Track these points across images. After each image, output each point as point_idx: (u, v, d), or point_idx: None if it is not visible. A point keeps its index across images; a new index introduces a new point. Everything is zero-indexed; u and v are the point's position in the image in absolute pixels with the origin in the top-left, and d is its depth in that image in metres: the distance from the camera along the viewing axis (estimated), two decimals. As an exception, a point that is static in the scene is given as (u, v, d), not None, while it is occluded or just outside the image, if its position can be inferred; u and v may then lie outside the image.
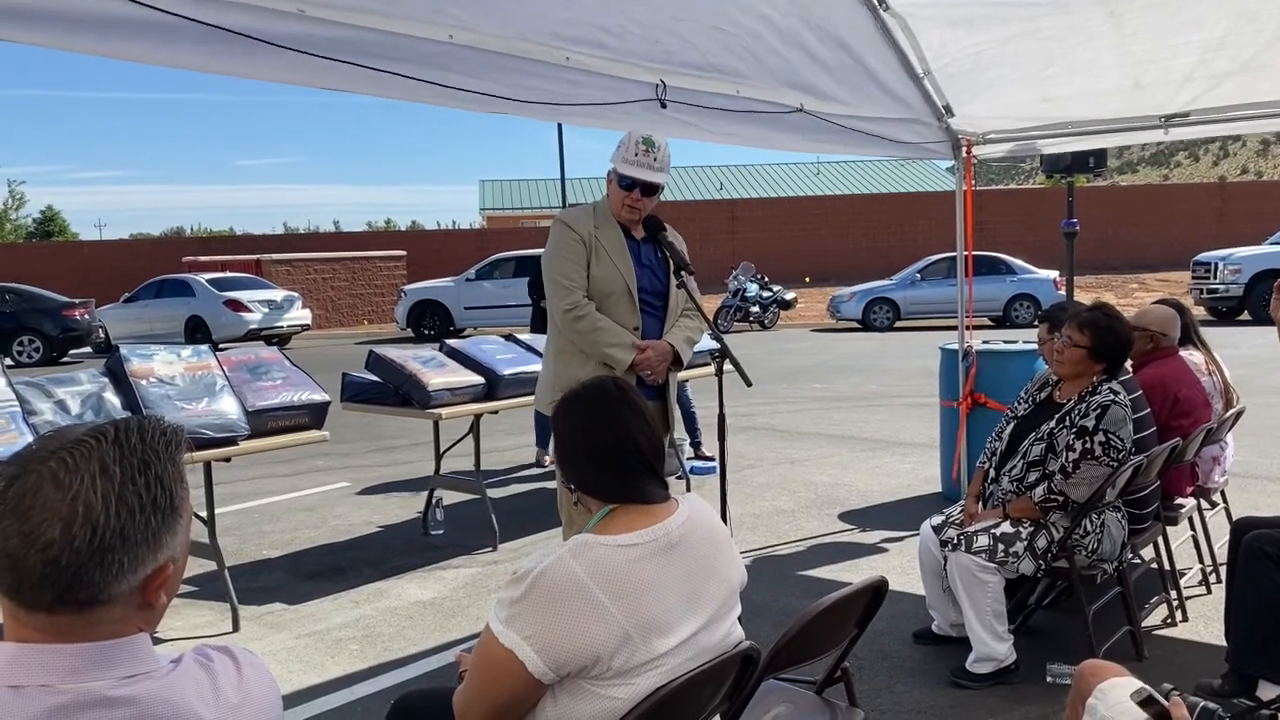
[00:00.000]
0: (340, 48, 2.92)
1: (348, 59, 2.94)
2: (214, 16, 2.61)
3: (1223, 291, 18.54)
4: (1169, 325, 4.55)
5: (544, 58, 3.57)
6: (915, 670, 3.93)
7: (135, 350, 4.67)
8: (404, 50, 3.09)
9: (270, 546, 6.09)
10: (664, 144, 3.76)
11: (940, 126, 5.73)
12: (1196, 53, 4.72)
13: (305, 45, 2.83)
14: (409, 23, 3.10)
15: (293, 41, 2.80)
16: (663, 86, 4.01)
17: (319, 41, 2.87)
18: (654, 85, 3.99)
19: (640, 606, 1.81)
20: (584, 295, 3.73)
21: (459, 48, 3.26)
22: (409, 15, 3.09)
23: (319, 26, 2.87)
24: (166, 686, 1.19)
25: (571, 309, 3.71)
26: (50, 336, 20.45)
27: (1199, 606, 4.45)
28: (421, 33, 3.14)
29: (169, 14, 2.53)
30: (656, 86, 4.00)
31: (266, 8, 2.74)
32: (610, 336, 3.71)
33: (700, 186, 46.65)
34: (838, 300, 21.50)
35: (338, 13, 2.91)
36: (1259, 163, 67.83)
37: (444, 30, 3.19)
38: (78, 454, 1.17)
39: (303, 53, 2.83)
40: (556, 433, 2.08)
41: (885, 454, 8.18)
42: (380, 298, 28.13)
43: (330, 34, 2.90)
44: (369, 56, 3.00)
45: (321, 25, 2.88)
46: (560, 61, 3.63)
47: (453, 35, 3.22)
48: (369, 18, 2.99)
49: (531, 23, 3.48)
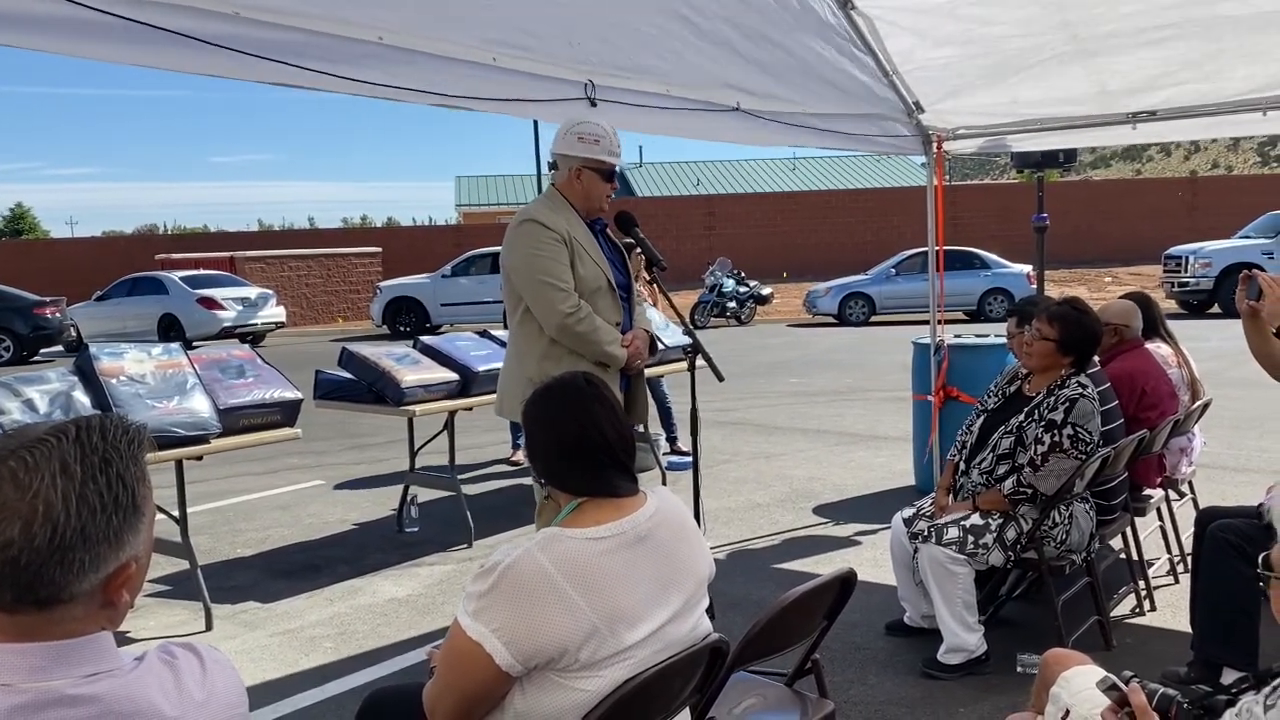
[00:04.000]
0: (274, 48, 2.96)
1: (281, 59, 2.98)
2: (153, 18, 2.64)
3: (1193, 285, 18.76)
4: (1130, 317, 4.61)
5: (472, 58, 3.58)
6: (886, 661, 3.96)
7: (105, 349, 4.63)
8: (335, 51, 3.13)
9: (244, 545, 6.06)
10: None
11: (910, 123, 5.77)
12: (1161, 66, 4.81)
13: (241, 45, 2.87)
14: (340, 24, 3.14)
15: (230, 41, 2.84)
16: (591, 85, 3.99)
17: (254, 42, 2.91)
18: (583, 84, 3.97)
19: (608, 599, 1.82)
20: (577, 295, 3.60)
21: (388, 48, 3.29)
22: (340, 18, 3.13)
23: (253, 28, 2.91)
24: (129, 684, 1.19)
25: (573, 312, 3.55)
26: (21, 335, 20.21)
27: (1167, 596, 4.51)
28: (352, 34, 3.18)
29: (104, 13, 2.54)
30: (585, 85, 3.97)
31: (204, 9, 2.77)
32: (608, 335, 3.64)
33: (677, 182, 46.69)
34: (814, 295, 21.57)
35: (272, 15, 2.95)
36: (1229, 157, 68.55)
37: (374, 32, 3.23)
38: (38, 453, 1.16)
39: (238, 52, 2.87)
40: (527, 427, 2.09)
41: (860, 448, 8.23)
42: (355, 295, 27.96)
43: (264, 35, 2.94)
44: (301, 57, 3.03)
45: (255, 26, 2.91)
46: (488, 61, 3.64)
47: (382, 37, 3.26)
48: (301, 19, 3.03)
49: (457, 26, 3.51)
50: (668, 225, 32.98)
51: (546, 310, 3.58)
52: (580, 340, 3.60)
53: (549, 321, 3.59)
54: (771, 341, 18.04)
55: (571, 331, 3.58)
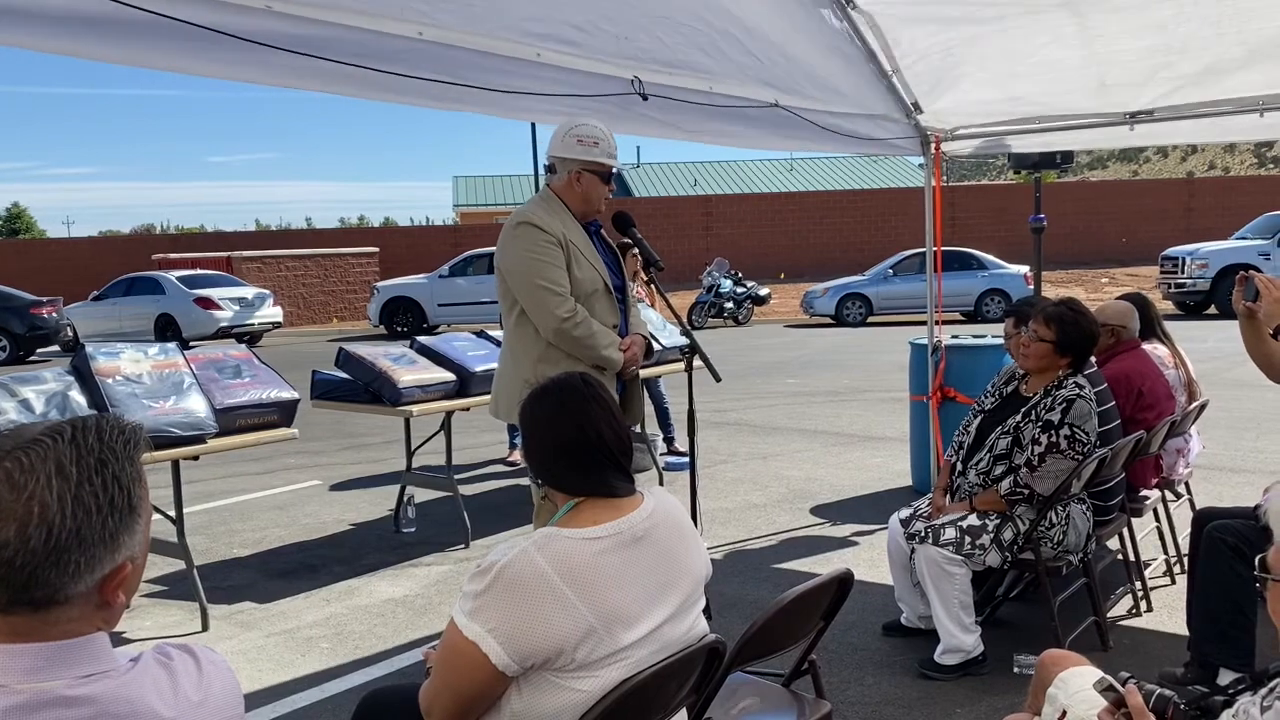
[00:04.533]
0: (308, 44, 2.90)
1: (316, 54, 2.91)
2: (182, 12, 2.59)
3: (1190, 286, 18.78)
4: (1127, 318, 4.61)
5: (514, 54, 3.53)
6: (883, 662, 3.96)
7: (101, 349, 4.62)
8: (372, 47, 3.06)
9: (240, 545, 6.05)
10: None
11: (909, 123, 5.77)
12: (1160, 55, 4.79)
13: (273, 40, 2.80)
14: (378, 19, 3.07)
15: (261, 37, 2.77)
16: (638, 82, 3.96)
17: (287, 38, 2.85)
18: (629, 80, 3.94)
19: (604, 599, 1.82)
20: (574, 300, 3.60)
21: (428, 44, 3.23)
22: (378, 12, 3.06)
23: (287, 23, 2.84)
24: (125, 685, 1.19)
25: (570, 316, 3.55)
26: (17, 335, 20.17)
27: (1163, 597, 4.52)
28: (391, 29, 3.11)
29: (135, 8, 2.50)
30: (632, 81, 3.95)
31: (234, 3, 2.72)
32: (605, 339, 3.64)
33: (675, 182, 46.68)
34: (811, 296, 21.58)
35: (306, 9, 2.88)
36: (1226, 159, 68.60)
37: (413, 27, 3.17)
38: (33, 454, 1.16)
39: (271, 47, 2.80)
40: (524, 428, 2.08)
41: (857, 448, 8.23)
42: (353, 295, 27.93)
43: (298, 30, 2.87)
44: (337, 52, 2.97)
45: (289, 21, 2.85)
46: (531, 58, 3.60)
47: (422, 32, 3.19)
48: (337, 13, 2.96)
49: (500, 19, 3.45)
50: (665, 225, 32.96)
51: (543, 315, 3.57)
52: (577, 345, 3.59)
53: (545, 326, 3.58)
54: (769, 342, 18.04)
55: (568, 336, 3.57)
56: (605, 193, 3.73)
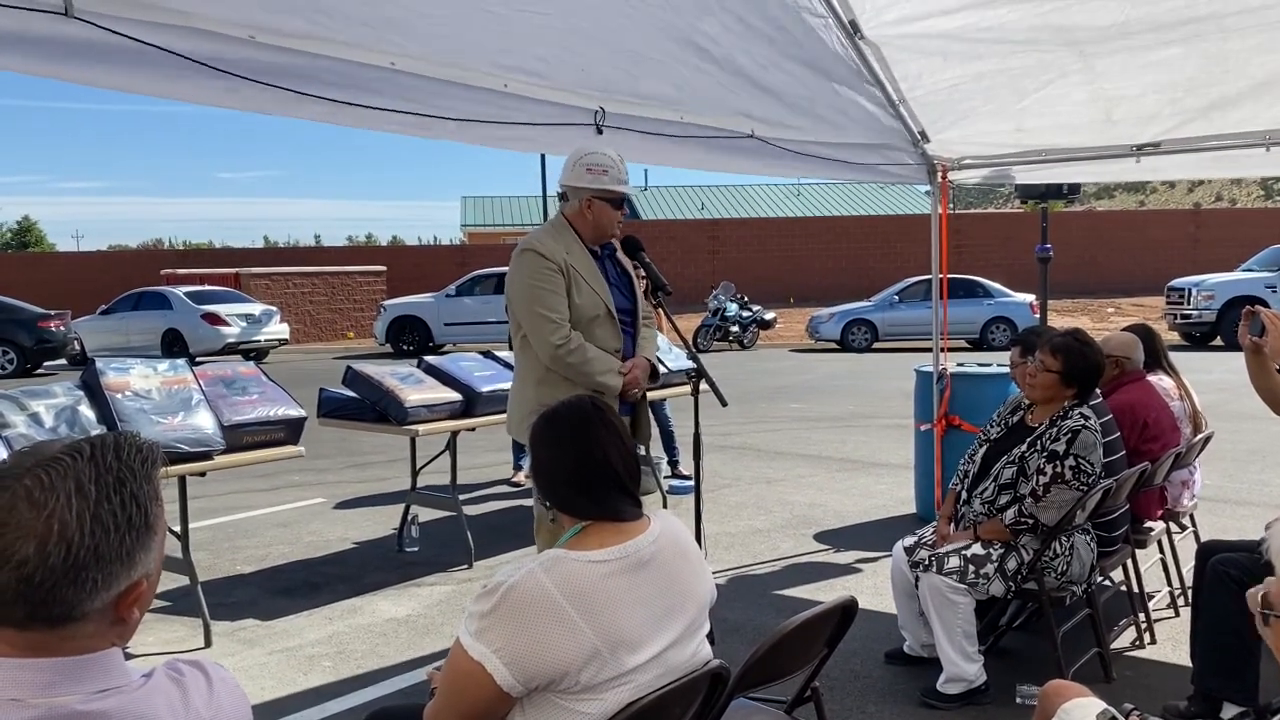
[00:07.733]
0: (286, 74, 2.98)
1: (292, 86, 2.99)
2: (166, 40, 2.65)
3: (1196, 317, 18.77)
4: (1131, 349, 4.62)
5: (483, 84, 3.62)
6: (886, 690, 3.95)
7: (111, 363, 4.65)
8: (347, 76, 3.16)
9: (244, 562, 6.06)
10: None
11: (916, 152, 5.81)
12: (1166, 91, 4.83)
13: (252, 72, 2.88)
14: (353, 49, 3.17)
15: (241, 68, 2.85)
16: (602, 113, 4.03)
17: (266, 68, 2.93)
18: (593, 111, 4.02)
19: (609, 622, 1.83)
20: (570, 327, 3.69)
21: (400, 74, 3.33)
22: (353, 42, 3.16)
23: (266, 53, 2.93)
24: (138, 701, 1.20)
25: (563, 344, 3.65)
26: (25, 348, 20.22)
27: (1167, 629, 4.50)
28: (365, 59, 3.21)
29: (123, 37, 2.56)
30: (595, 113, 4.02)
31: (218, 33, 2.79)
32: (601, 365, 3.72)
33: (682, 206, 46.83)
34: (816, 321, 21.59)
35: (285, 39, 2.97)
36: (1233, 190, 68.70)
37: (386, 57, 3.27)
38: (54, 471, 1.18)
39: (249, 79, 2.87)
40: (533, 450, 2.10)
41: (861, 474, 8.22)
42: (360, 313, 28.03)
43: (277, 60, 2.96)
44: (313, 83, 3.06)
45: (269, 51, 2.94)
46: (499, 88, 3.68)
47: (394, 62, 3.30)
48: (315, 44, 3.06)
49: (470, 51, 3.55)
50: (672, 249, 33.06)
51: (539, 340, 3.71)
52: (572, 370, 3.70)
53: (542, 351, 3.72)
54: (774, 366, 18.05)
55: (563, 362, 3.69)
56: (617, 218, 3.82)
